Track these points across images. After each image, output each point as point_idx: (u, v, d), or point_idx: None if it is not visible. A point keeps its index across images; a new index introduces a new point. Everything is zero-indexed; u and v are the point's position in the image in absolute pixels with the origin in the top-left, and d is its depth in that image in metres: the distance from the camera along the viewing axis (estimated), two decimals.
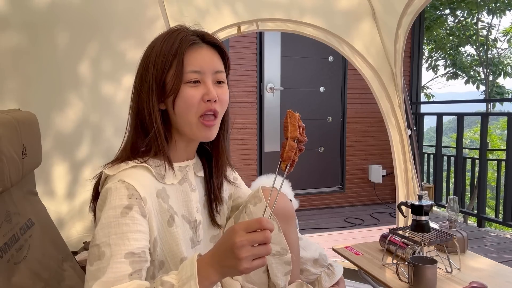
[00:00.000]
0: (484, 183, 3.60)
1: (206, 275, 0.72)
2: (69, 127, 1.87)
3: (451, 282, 1.37)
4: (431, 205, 1.48)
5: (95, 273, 0.76)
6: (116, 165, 0.87)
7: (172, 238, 0.89)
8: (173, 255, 0.90)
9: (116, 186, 0.81)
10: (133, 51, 2.03)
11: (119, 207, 0.79)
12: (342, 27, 2.20)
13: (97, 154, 1.93)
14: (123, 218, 0.78)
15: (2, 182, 0.95)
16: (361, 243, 1.77)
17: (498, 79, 7.11)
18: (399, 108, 2.23)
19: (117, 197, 0.80)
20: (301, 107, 4.21)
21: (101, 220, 0.79)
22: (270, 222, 0.73)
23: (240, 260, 0.69)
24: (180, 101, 0.87)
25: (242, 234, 0.70)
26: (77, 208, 1.92)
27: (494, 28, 6.93)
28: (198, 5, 2.19)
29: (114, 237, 0.77)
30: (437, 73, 7.51)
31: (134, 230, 0.79)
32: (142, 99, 0.89)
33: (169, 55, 0.87)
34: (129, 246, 0.77)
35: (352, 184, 4.43)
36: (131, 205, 0.80)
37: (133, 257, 0.77)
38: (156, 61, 0.88)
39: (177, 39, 0.88)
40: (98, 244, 0.77)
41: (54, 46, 1.79)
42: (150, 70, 0.88)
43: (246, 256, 0.70)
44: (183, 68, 0.87)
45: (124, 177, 0.82)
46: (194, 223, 0.97)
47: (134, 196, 0.80)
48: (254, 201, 1.03)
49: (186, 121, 0.89)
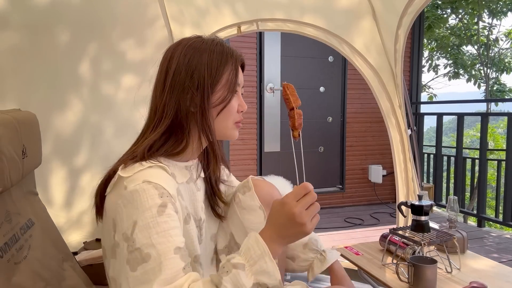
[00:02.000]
0: (484, 183, 3.61)
1: (273, 249, 0.78)
2: (69, 129, 1.86)
3: (451, 282, 1.36)
4: (431, 205, 1.48)
5: (144, 276, 0.73)
6: (130, 167, 0.85)
7: (188, 235, 0.90)
8: (189, 252, 0.90)
9: (143, 187, 0.79)
10: (133, 51, 2.03)
11: (154, 206, 0.78)
12: (342, 27, 2.20)
13: (96, 160, 1.93)
14: (161, 217, 0.78)
15: (2, 182, 0.95)
16: (361, 243, 1.77)
17: (500, 76, 7.11)
18: (399, 108, 2.23)
19: (148, 197, 0.79)
20: (301, 107, 4.19)
21: (138, 224, 0.77)
22: (310, 184, 0.82)
23: (304, 224, 0.78)
24: (226, 109, 0.93)
25: (295, 203, 0.79)
26: (74, 218, 1.91)
27: (495, 28, 6.93)
28: (198, 5, 2.19)
29: (156, 237, 0.76)
30: (438, 73, 7.52)
31: (173, 226, 0.79)
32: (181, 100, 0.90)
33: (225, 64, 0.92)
34: (173, 242, 0.77)
35: (352, 184, 4.43)
36: (165, 203, 0.80)
37: (181, 251, 0.77)
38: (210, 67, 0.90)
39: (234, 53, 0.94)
40: (139, 248, 0.75)
41: (54, 46, 1.79)
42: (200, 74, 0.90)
43: (307, 220, 0.79)
44: (237, 79, 0.94)
45: (148, 178, 0.81)
46: (199, 221, 1.00)
47: (165, 194, 0.81)
48: (243, 190, 1.07)
49: (223, 125, 0.95)
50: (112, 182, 0.85)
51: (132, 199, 0.79)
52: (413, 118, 2.58)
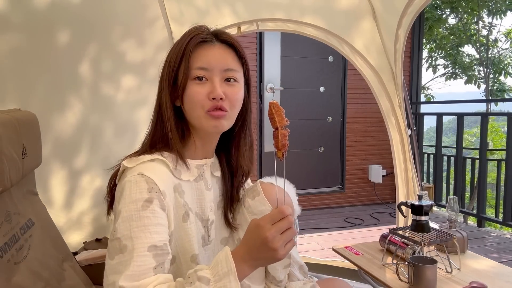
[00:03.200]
0: (484, 183, 3.60)
1: (242, 270, 0.77)
2: (68, 131, 1.86)
3: (451, 282, 1.37)
4: (431, 205, 1.48)
5: (117, 267, 0.75)
6: (135, 158, 0.87)
7: (185, 234, 0.90)
8: (185, 251, 0.90)
9: (136, 179, 0.81)
10: (133, 51, 2.03)
11: (139, 200, 0.79)
12: (342, 27, 2.20)
13: (95, 161, 1.93)
14: (144, 211, 0.79)
15: (2, 182, 0.95)
16: (361, 243, 1.77)
17: (499, 77, 7.09)
18: (399, 108, 2.23)
19: (137, 190, 0.80)
20: (301, 107, 4.21)
21: (121, 214, 0.79)
22: (288, 208, 0.80)
23: (276, 250, 0.77)
24: (186, 98, 0.89)
25: (269, 227, 0.77)
26: (74, 219, 1.91)
27: (494, 28, 6.93)
28: (198, 5, 2.19)
29: (136, 230, 0.77)
30: (437, 73, 7.51)
31: (155, 223, 0.79)
32: (159, 95, 0.92)
33: (180, 52, 0.89)
34: (151, 239, 0.77)
35: (352, 184, 4.43)
36: (152, 199, 0.80)
37: (156, 250, 0.78)
38: (170, 60, 0.90)
39: (188, 37, 0.90)
40: (119, 238, 0.77)
41: (54, 46, 1.79)
42: (165, 67, 0.91)
43: (280, 245, 0.77)
44: (190, 64, 0.88)
45: (143, 170, 0.82)
46: (207, 221, 0.98)
47: (154, 189, 0.81)
48: (252, 194, 1.02)
49: (194, 115, 0.90)
50: (119, 173, 0.88)
51: (123, 189, 0.81)
52: (413, 118, 2.58)
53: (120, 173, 0.88)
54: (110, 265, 0.77)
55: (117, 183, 0.88)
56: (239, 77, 0.94)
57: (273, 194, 1.01)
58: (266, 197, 0.99)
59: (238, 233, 1.04)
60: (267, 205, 0.98)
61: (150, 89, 2.09)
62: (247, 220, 1.01)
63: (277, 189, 0.96)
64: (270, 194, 1.00)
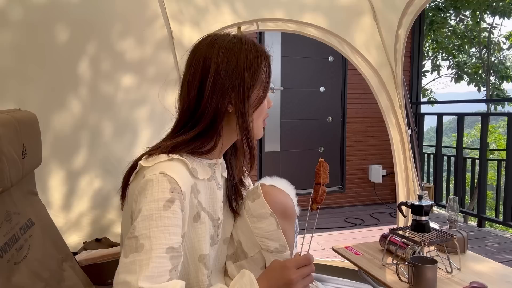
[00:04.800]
0: (484, 183, 3.60)
1: None
2: (68, 130, 1.86)
3: (451, 282, 1.36)
4: (431, 205, 1.48)
5: (130, 266, 0.73)
6: (152, 157, 0.86)
7: (195, 234, 0.90)
8: (193, 251, 0.90)
9: (158, 178, 0.80)
10: (132, 50, 2.03)
11: (161, 200, 0.78)
12: (342, 27, 2.20)
13: (95, 162, 1.93)
14: (166, 212, 0.77)
15: (2, 182, 0.95)
16: (361, 243, 1.77)
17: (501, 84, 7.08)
18: (399, 108, 2.23)
19: (159, 189, 0.79)
20: (301, 107, 4.21)
21: (142, 212, 0.77)
22: (312, 256, 0.92)
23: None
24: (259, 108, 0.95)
25: (295, 271, 0.87)
26: (73, 220, 1.91)
27: (495, 28, 6.91)
28: (198, 4, 2.18)
29: (155, 230, 0.75)
30: (440, 74, 7.50)
31: (174, 224, 0.78)
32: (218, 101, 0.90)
33: (261, 64, 0.93)
34: (169, 240, 0.76)
35: (352, 184, 4.43)
36: (173, 199, 0.79)
37: (173, 252, 0.76)
38: (250, 68, 0.91)
39: (264, 51, 0.95)
40: (137, 236, 0.75)
41: (53, 45, 1.78)
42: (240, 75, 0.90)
43: None
44: (270, 78, 0.96)
45: (166, 170, 0.82)
46: (217, 221, 0.98)
47: (176, 190, 0.80)
48: (252, 197, 1.03)
49: (256, 125, 0.97)
50: (135, 172, 0.87)
51: (145, 187, 0.80)
52: (413, 118, 2.57)
53: (135, 173, 0.87)
54: (123, 263, 0.74)
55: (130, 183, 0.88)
56: None
57: (276, 198, 1.02)
58: (266, 200, 1.00)
59: (237, 234, 1.05)
60: (266, 208, 0.99)
61: (149, 88, 2.09)
62: (246, 222, 1.02)
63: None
64: (273, 197, 1.01)
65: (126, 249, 0.76)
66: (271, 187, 1.04)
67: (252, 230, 1.01)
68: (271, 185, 1.05)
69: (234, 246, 1.05)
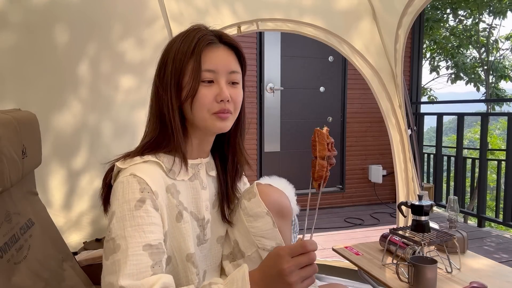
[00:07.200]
0: (484, 183, 3.60)
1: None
2: (68, 131, 1.86)
3: (451, 282, 1.36)
4: (431, 205, 1.48)
5: (111, 267, 0.75)
6: (129, 159, 0.88)
7: (180, 233, 0.90)
8: (180, 250, 0.90)
9: (128, 180, 0.82)
10: (132, 51, 2.03)
11: (132, 200, 0.80)
12: (342, 27, 2.20)
13: (94, 162, 1.92)
14: (137, 211, 0.79)
15: (2, 182, 0.95)
16: (361, 243, 1.77)
17: (499, 82, 7.08)
18: (399, 108, 2.23)
19: (129, 190, 0.81)
20: (301, 107, 4.21)
21: (115, 214, 0.80)
22: (313, 243, 0.76)
23: (290, 285, 0.73)
24: (194, 100, 0.89)
25: (288, 259, 0.74)
26: (73, 220, 1.91)
27: (495, 28, 6.91)
28: (198, 5, 2.19)
29: (129, 229, 0.77)
30: (439, 74, 7.50)
31: (148, 222, 0.80)
32: (160, 96, 0.90)
33: (187, 53, 0.88)
34: (145, 238, 0.78)
35: (352, 184, 4.43)
36: (144, 199, 0.81)
37: (151, 249, 0.78)
38: (175, 59, 0.89)
39: (195, 38, 0.89)
40: (114, 238, 0.78)
41: (53, 46, 1.78)
42: (168, 68, 0.90)
43: (296, 280, 0.73)
44: (200, 66, 0.88)
45: (135, 171, 0.83)
46: (202, 221, 0.98)
47: (146, 189, 0.82)
48: (248, 196, 1.02)
49: (200, 117, 0.90)
50: (114, 173, 0.89)
51: (116, 189, 0.82)
52: (413, 118, 2.57)
53: (114, 174, 0.89)
54: (105, 265, 0.77)
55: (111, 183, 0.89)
56: (239, 79, 0.95)
57: (272, 196, 1.01)
58: (262, 199, 1.00)
59: (233, 234, 1.05)
60: (262, 207, 0.99)
61: (149, 89, 2.09)
62: (243, 221, 1.02)
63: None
64: (269, 196, 1.01)
65: (106, 251, 0.78)
66: (267, 186, 1.03)
67: (248, 229, 1.01)
68: (267, 184, 1.04)
69: (231, 245, 1.05)
